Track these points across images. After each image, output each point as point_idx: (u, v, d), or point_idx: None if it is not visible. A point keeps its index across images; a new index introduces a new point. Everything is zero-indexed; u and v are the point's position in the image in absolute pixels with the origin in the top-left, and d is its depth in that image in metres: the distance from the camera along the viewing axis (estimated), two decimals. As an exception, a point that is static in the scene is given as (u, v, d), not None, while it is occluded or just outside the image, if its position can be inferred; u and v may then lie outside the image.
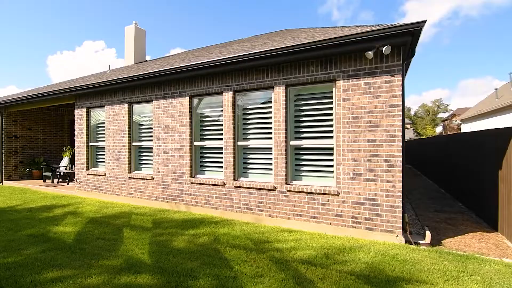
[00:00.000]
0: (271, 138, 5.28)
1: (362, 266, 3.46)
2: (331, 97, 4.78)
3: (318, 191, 4.70)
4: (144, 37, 13.49)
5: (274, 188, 5.11)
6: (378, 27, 4.26)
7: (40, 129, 12.40)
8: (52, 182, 10.45)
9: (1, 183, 11.10)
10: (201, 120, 6.29)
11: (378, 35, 4.07)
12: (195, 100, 6.30)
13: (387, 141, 4.27)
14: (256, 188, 5.33)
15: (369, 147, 4.38)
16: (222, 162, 5.89)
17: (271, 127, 5.30)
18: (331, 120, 4.79)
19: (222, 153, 5.90)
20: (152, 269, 3.42)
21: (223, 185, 5.72)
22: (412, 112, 64.73)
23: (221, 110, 5.88)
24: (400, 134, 4.21)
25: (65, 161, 10.95)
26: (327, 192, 4.63)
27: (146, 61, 12.82)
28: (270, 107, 5.31)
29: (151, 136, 6.98)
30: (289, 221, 4.98)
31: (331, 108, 4.79)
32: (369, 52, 4.24)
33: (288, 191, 4.98)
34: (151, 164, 6.99)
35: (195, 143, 6.27)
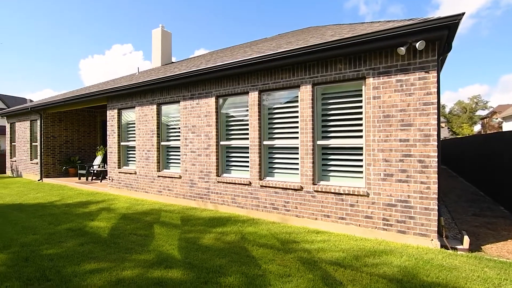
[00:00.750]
0: (297, 137, 5.24)
1: (395, 270, 3.33)
2: (360, 95, 4.66)
3: (346, 192, 4.59)
4: (170, 39, 13.90)
5: (301, 188, 5.06)
6: (411, 22, 4.09)
7: (75, 129, 13.15)
8: (87, 179, 11.05)
9: (41, 180, 11.90)
10: (227, 120, 6.37)
11: (411, 30, 3.91)
12: (221, 100, 6.39)
13: (421, 141, 4.09)
14: (282, 188, 5.30)
15: (401, 146, 4.22)
16: (247, 162, 5.92)
17: (297, 127, 5.26)
18: (360, 119, 4.66)
19: (247, 152, 5.94)
20: (182, 264, 3.50)
21: (249, 184, 5.75)
22: (447, 110, 61.38)
23: (247, 110, 5.92)
24: (435, 133, 4.01)
25: (98, 160, 11.53)
26: (356, 193, 4.51)
27: (172, 62, 13.20)
28: (296, 106, 5.26)
29: (179, 136, 7.17)
30: (316, 221, 4.91)
31: (360, 107, 4.66)
32: (401, 48, 4.08)
33: (315, 191, 4.92)
34: (179, 163, 7.18)
35: (221, 143, 6.36)
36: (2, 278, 3.24)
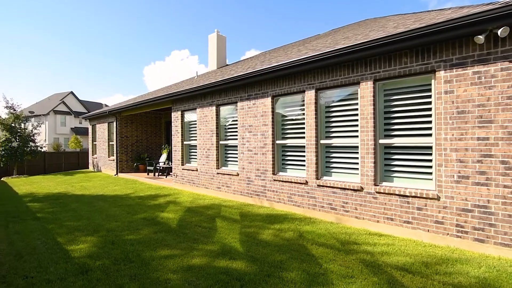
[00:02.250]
0: (357, 136, 5.07)
1: (472, 280, 3.04)
2: (429, 90, 4.31)
3: (413, 194, 4.30)
4: (225, 42, 14.53)
5: (361, 189, 4.89)
6: (491, 7, 3.64)
7: (144, 130, 14.62)
8: (154, 175, 12.22)
9: (116, 175, 13.52)
10: (283, 119, 6.45)
11: (492, 16, 3.49)
12: (277, 100, 6.50)
13: (505, 139, 3.63)
14: (340, 188, 5.19)
15: (480, 146, 3.80)
16: (304, 161, 5.93)
17: (356, 125, 5.09)
18: (429, 115, 4.32)
19: (303, 151, 5.94)
20: (245, 257, 3.70)
21: (306, 183, 5.75)
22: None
23: (303, 109, 5.92)
24: (524, 130, 3.52)
25: (163, 157, 12.66)
26: (424, 196, 4.20)
27: (227, 65, 13.79)
28: (356, 104, 5.10)
29: (236, 135, 7.50)
30: (378, 224, 4.70)
31: (429, 103, 4.32)
32: (479, 36, 3.66)
33: (376, 192, 4.71)
34: (236, 161, 7.51)
35: (277, 142, 6.47)
36: (96, 257, 3.83)
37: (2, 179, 15.23)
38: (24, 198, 8.66)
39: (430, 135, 4.30)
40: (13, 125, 15.66)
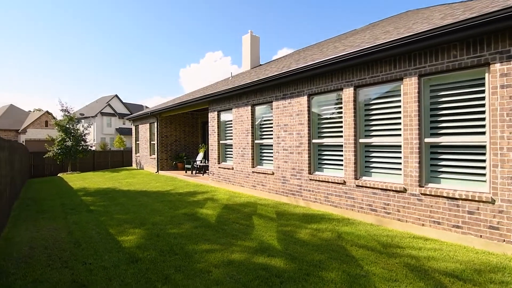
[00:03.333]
0: (399, 135, 4.85)
1: (535, 293, 2.77)
2: (482, 84, 3.99)
3: (463, 197, 4.01)
4: (258, 43, 14.64)
5: (404, 190, 4.67)
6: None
7: (182, 130, 15.28)
8: (192, 173, 12.72)
9: (157, 172, 14.30)
10: (319, 118, 6.36)
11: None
12: (313, 99, 6.43)
13: None
14: (381, 189, 5.00)
15: (544, 145, 3.43)
16: (341, 160, 5.80)
17: (399, 123, 4.86)
18: (482, 112, 4.00)
19: (341, 150, 5.81)
20: (283, 255, 3.73)
21: (343, 183, 5.63)
22: None
23: (341, 107, 5.79)
24: None
25: (200, 156, 13.13)
26: (476, 199, 3.90)
27: (261, 65, 13.88)
28: (398, 101, 4.87)
29: (271, 134, 7.54)
30: (423, 228, 4.45)
31: (482, 98, 3.99)
32: (544, 23, 3.32)
33: (422, 194, 4.46)
34: (271, 160, 7.56)
35: (313, 141, 6.40)
36: (143, 248, 4.11)
37: (58, 174, 16.88)
38: (78, 192, 9.52)
39: (483, 133, 3.98)
40: (67, 126, 17.25)
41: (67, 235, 4.82)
